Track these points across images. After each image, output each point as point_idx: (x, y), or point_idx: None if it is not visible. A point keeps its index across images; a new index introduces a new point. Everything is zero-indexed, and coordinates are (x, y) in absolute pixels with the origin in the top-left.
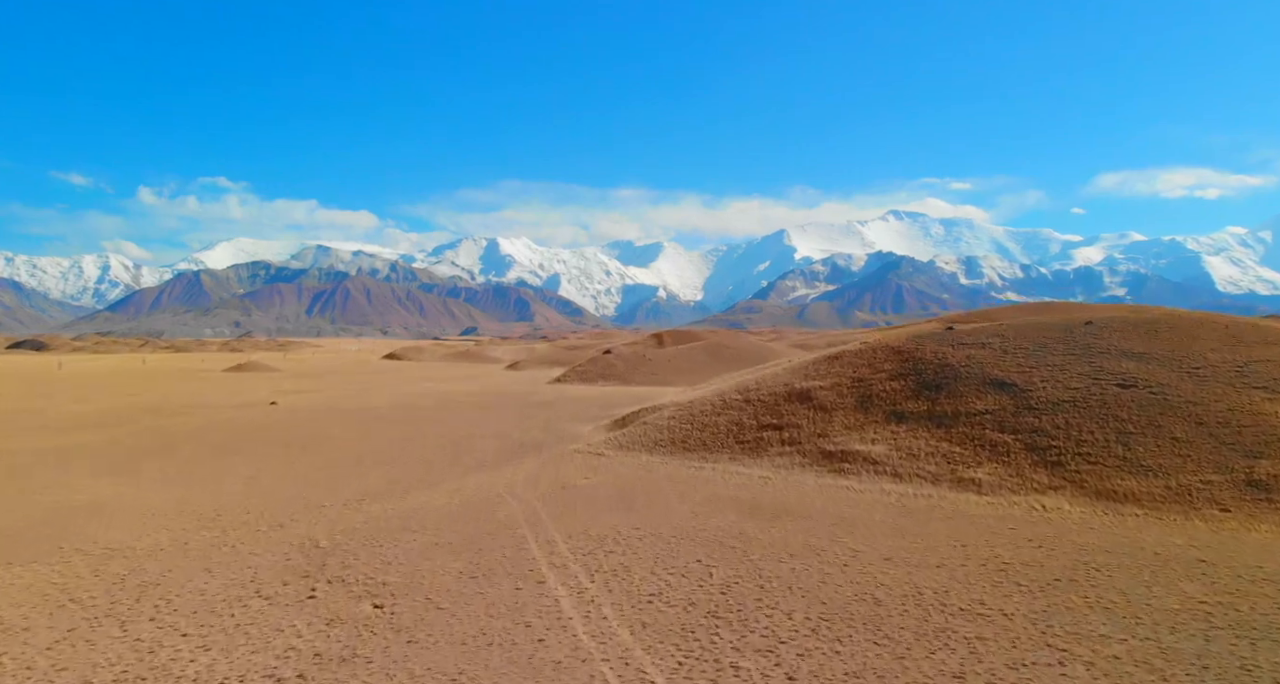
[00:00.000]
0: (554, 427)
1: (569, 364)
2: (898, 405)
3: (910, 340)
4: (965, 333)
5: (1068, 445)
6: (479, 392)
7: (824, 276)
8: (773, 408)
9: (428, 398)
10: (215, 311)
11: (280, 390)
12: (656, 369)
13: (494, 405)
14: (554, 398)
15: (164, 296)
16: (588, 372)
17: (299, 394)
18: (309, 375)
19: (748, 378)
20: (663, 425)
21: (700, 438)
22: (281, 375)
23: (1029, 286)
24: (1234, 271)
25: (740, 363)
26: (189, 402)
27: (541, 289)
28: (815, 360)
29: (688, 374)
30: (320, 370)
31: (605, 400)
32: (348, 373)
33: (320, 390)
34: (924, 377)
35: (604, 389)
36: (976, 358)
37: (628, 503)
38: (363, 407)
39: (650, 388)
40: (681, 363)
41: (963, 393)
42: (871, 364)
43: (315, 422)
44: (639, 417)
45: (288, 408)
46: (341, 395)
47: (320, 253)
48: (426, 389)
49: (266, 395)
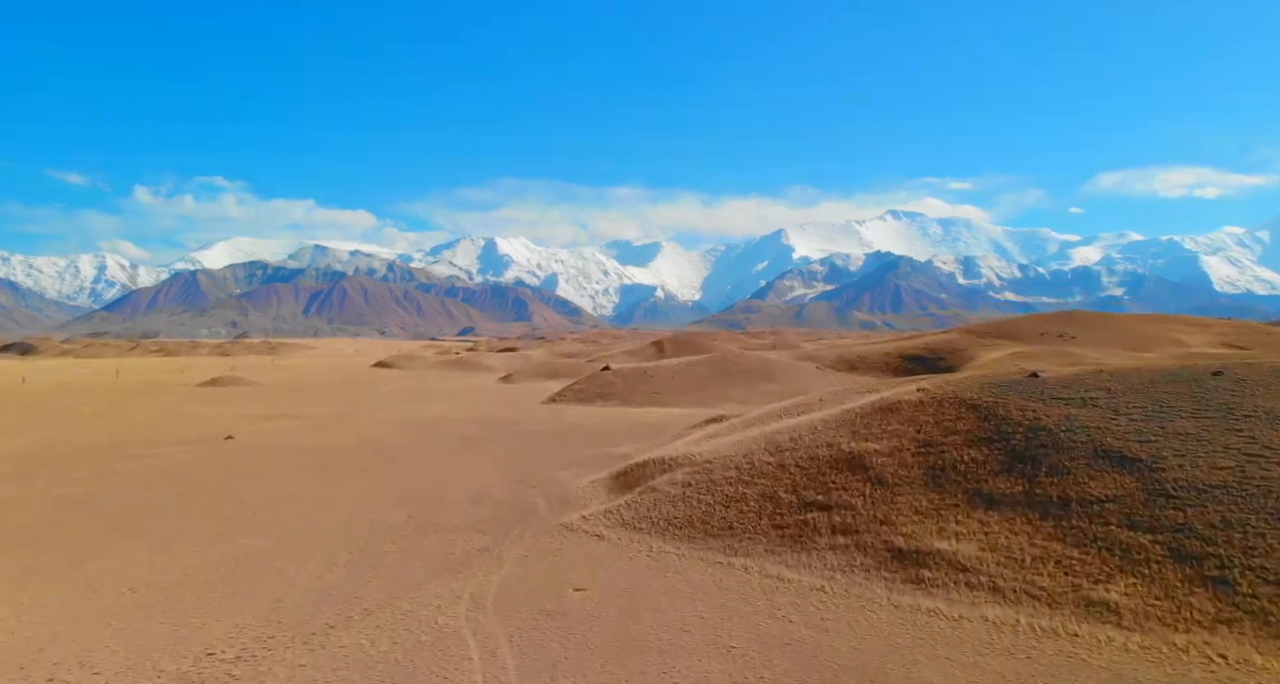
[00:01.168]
0: (544, 477)
1: (565, 376)
2: (983, 483)
3: (988, 391)
4: (1058, 384)
5: (1232, 553)
6: (464, 418)
7: (822, 276)
8: (816, 477)
9: (405, 428)
10: (212, 312)
11: (245, 416)
12: (659, 388)
13: (478, 439)
14: (548, 426)
15: (160, 297)
16: (585, 391)
17: (264, 422)
18: (287, 391)
19: (779, 430)
20: (676, 494)
21: (725, 517)
22: (256, 392)
23: (1027, 286)
24: (1231, 271)
25: (747, 379)
26: (135, 434)
27: (539, 289)
28: (864, 411)
29: (692, 393)
30: (301, 383)
31: (605, 430)
32: (329, 387)
33: (289, 415)
34: (1013, 444)
35: (603, 412)
36: (1079, 420)
37: (639, 643)
38: (325, 445)
39: (653, 409)
40: (685, 381)
41: (1069, 469)
42: (939, 422)
43: (258, 473)
44: (646, 475)
45: (240, 446)
46: (309, 425)
47: (318, 252)
48: (407, 413)
49: (226, 425)
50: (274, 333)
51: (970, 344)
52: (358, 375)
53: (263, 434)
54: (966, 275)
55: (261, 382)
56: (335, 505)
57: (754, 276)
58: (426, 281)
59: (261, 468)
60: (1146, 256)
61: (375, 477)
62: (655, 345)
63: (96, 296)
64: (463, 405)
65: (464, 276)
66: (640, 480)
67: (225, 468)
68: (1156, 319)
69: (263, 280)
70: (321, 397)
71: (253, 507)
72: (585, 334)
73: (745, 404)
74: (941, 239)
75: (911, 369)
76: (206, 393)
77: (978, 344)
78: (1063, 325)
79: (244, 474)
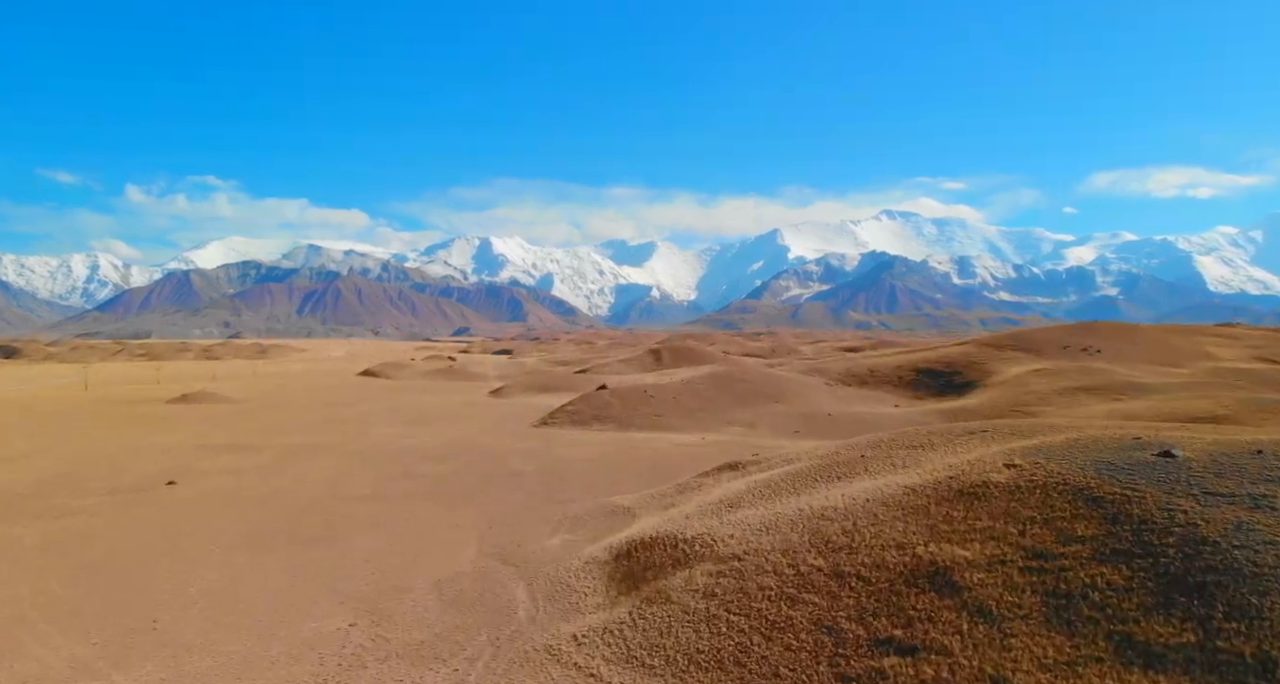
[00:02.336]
0: (529, 547)
1: (560, 390)
2: (1132, 625)
3: (1108, 475)
4: (1205, 468)
5: None
6: (445, 449)
7: (818, 276)
8: (888, 599)
9: (375, 465)
10: (205, 312)
11: (204, 447)
12: (660, 409)
13: (454, 482)
14: (537, 462)
15: (153, 297)
16: (580, 412)
17: (221, 455)
18: (260, 410)
19: (824, 513)
20: (698, 610)
21: (767, 655)
22: (226, 412)
23: (1021, 286)
24: (1225, 271)
25: (754, 398)
26: (65, 476)
27: (535, 289)
28: (938, 495)
29: (696, 415)
30: (277, 398)
31: (602, 467)
32: (305, 405)
33: (251, 447)
34: (1164, 563)
35: (599, 438)
36: (1258, 530)
37: None
38: (279, 493)
39: (654, 436)
40: (687, 401)
41: (1260, 611)
42: (1049, 519)
43: (178, 548)
44: (655, 565)
45: (176, 499)
46: (270, 460)
47: (311, 252)
48: (381, 442)
49: (177, 463)
50: (267, 333)
51: (988, 357)
52: (340, 386)
53: (211, 477)
54: (961, 275)
55: (235, 397)
56: (257, 606)
57: (749, 276)
58: (421, 281)
59: (187, 538)
60: (1141, 257)
61: (323, 552)
62: (653, 353)
63: (89, 296)
64: (446, 429)
65: (459, 276)
66: (648, 572)
67: (142, 538)
68: (1183, 330)
69: (256, 280)
70: (294, 418)
71: (149, 612)
72: (580, 335)
73: (754, 427)
74: (936, 239)
75: (926, 384)
76: (173, 412)
77: (996, 357)
78: (1085, 337)
79: (161, 549)
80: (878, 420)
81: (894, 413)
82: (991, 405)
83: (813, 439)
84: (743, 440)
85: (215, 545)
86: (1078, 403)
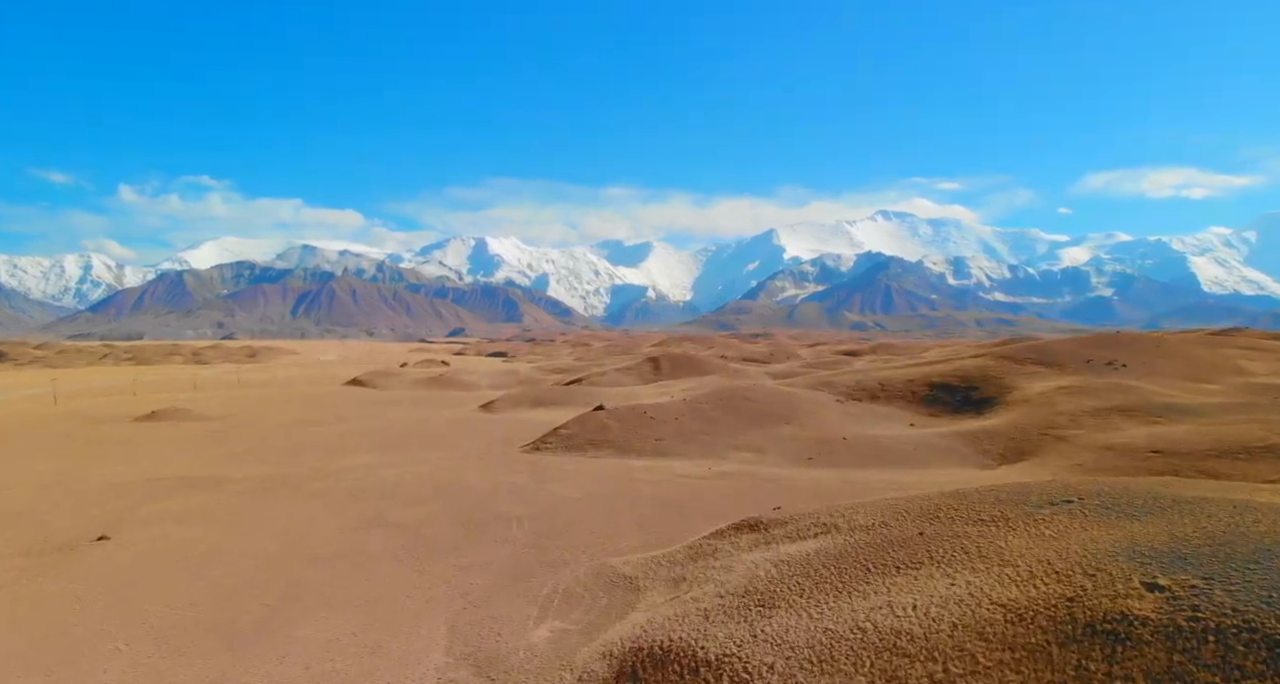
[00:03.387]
0: (506, 650)
1: (554, 405)
2: None
3: None
4: None
5: None
6: (422, 487)
7: (813, 277)
8: None
9: (341, 512)
10: (198, 313)
11: (157, 482)
12: (661, 433)
13: (430, 533)
14: (525, 504)
15: (146, 297)
16: (575, 436)
17: (173, 497)
18: (232, 430)
19: (902, 658)
20: None
21: None
22: (194, 434)
23: (1017, 287)
24: (1219, 272)
25: (761, 419)
26: None
27: (530, 289)
28: (1058, 631)
29: (700, 439)
30: (254, 414)
31: (599, 510)
32: (281, 425)
33: (210, 481)
34: None
35: (595, 469)
36: None
37: None
38: (220, 551)
39: (655, 464)
40: (690, 423)
41: None
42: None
43: (68, 657)
44: None
45: (99, 567)
46: (228, 503)
47: (306, 252)
48: (355, 477)
49: (120, 508)
50: (261, 334)
51: (1006, 371)
52: (324, 399)
53: (153, 527)
54: (957, 276)
55: (209, 413)
56: None
57: (745, 277)
58: (416, 282)
59: (89, 635)
60: (1135, 257)
61: (253, 654)
62: (651, 362)
63: (82, 297)
64: (429, 456)
65: (454, 277)
66: None
67: (33, 631)
68: (1211, 341)
69: (250, 281)
70: (268, 440)
71: None
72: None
73: (763, 454)
74: (931, 239)
75: (942, 400)
76: (138, 433)
77: (1015, 371)
78: (1109, 350)
79: (50, 656)
80: (895, 444)
81: (911, 434)
82: (1017, 427)
83: (829, 468)
84: (753, 470)
85: (122, 643)
86: (1112, 425)
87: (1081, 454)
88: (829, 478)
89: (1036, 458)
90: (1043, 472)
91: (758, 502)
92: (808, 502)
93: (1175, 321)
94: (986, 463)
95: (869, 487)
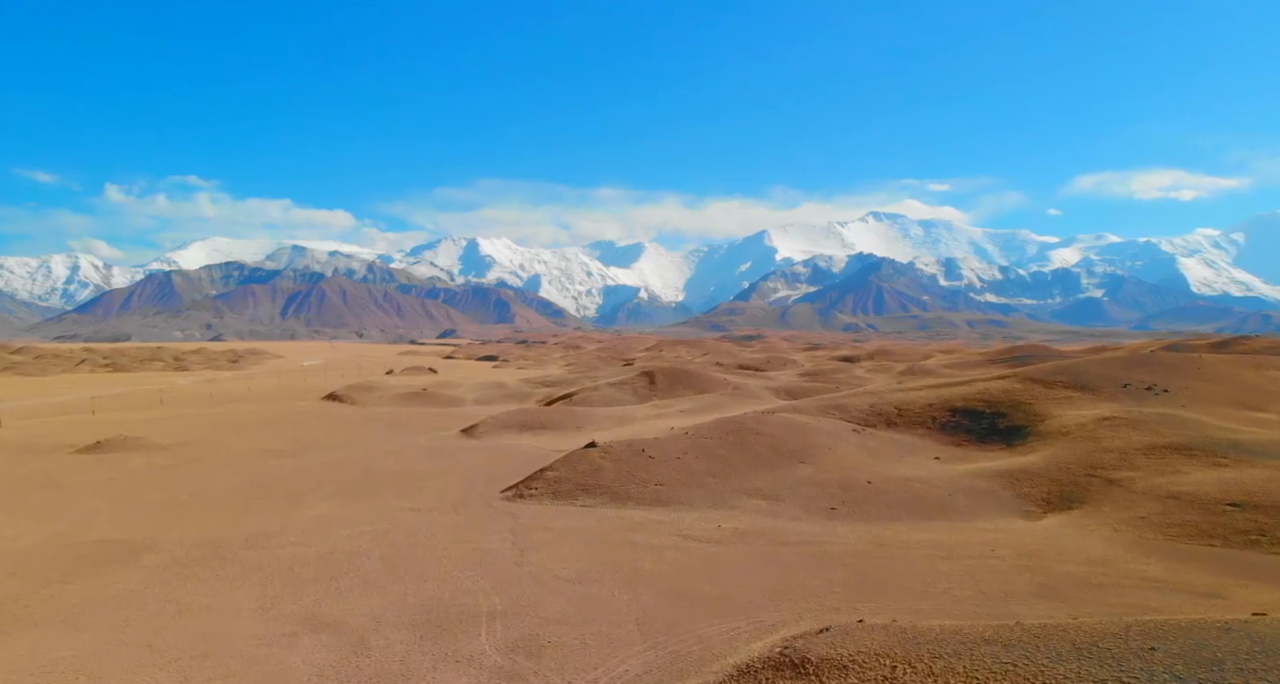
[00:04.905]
0: None
1: (543, 429)
2: None
3: None
4: None
5: None
6: (377, 560)
7: (805, 278)
8: None
9: (261, 615)
10: (186, 313)
11: (58, 558)
12: (662, 475)
13: (370, 641)
14: (500, 596)
15: (134, 298)
16: (564, 481)
17: (71, 583)
18: (181, 466)
19: None
20: None
21: None
22: (135, 472)
23: (1008, 288)
24: (1208, 273)
25: (773, 458)
26: None
27: (522, 290)
28: None
29: (705, 483)
30: (210, 445)
31: (592, 605)
32: (239, 458)
33: (128, 550)
34: None
35: (588, 529)
36: None
37: None
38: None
39: (655, 515)
40: (694, 463)
41: None
42: None
43: None
44: None
45: None
46: (132, 592)
47: (296, 253)
48: (301, 537)
49: (6, 593)
50: (250, 335)
51: (1035, 396)
52: (295, 419)
53: (29, 634)
54: (948, 277)
55: (164, 442)
56: None
57: (737, 278)
58: (407, 282)
59: None
60: (1125, 258)
61: None
62: (646, 376)
63: (69, 297)
64: (395, 506)
65: (445, 277)
66: None
67: None
68: (1258, 363)
69: (239, 281)
70: (215, 482)
71: None
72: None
73: (779, 502)
74: (922, 240)
75: (965, 427)
76: (74, 471)
77: (1045, 396)
78: (1146, 372)
79: None
80: (927, 488)
81: (940, 474)
82: (1059, 466)
83: (856, 520)
84: (769, 524)
85: None
86: (1170, 467)
87: (1141, 504)
88: (860, 538)
89: (1087, 505)
90: (1098, 525)
91: (785, 585)
92: (852, 598)
93: (1165, 322)
94: (1030, 509)
95: (908, 550)
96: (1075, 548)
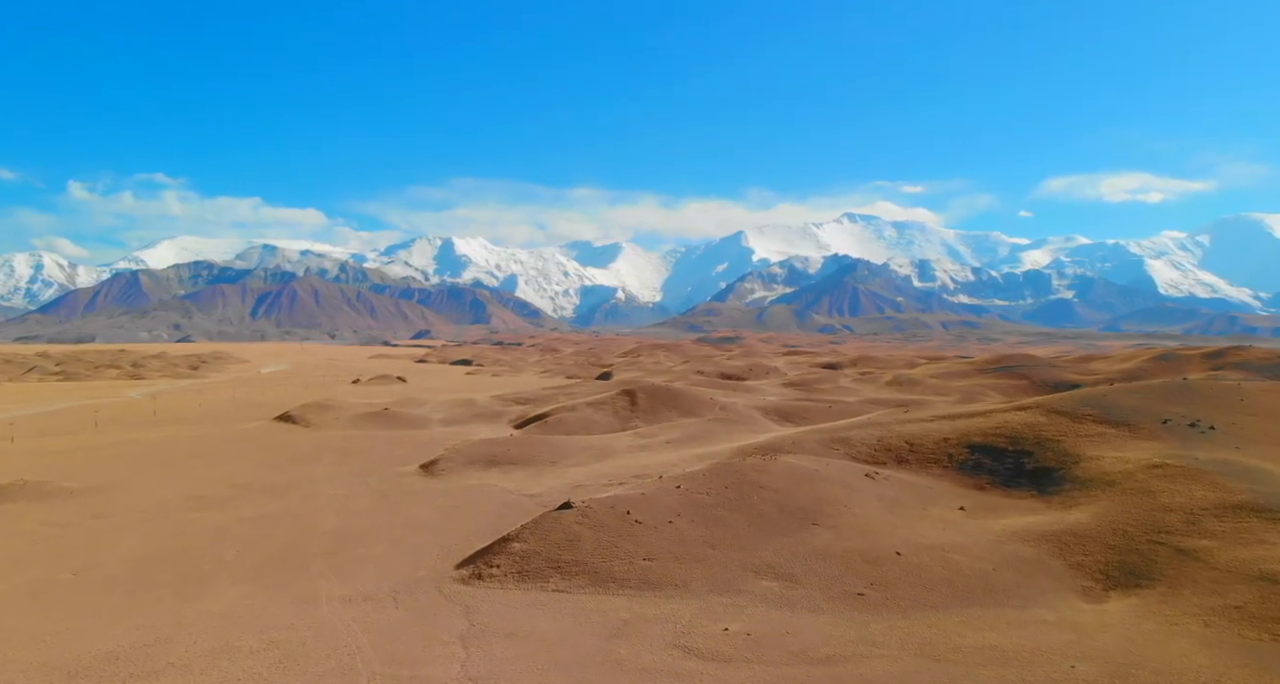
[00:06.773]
0: None
1: (512, 465)
2: None
3: None
4: None
5: None
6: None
7: (781, 279)
8: None
9: None
10: (154, 314)
11: None
12: (651, 547)
13: None
14: None
15: (100, 298)
16: (534, 556)
17: None
18: (80, 523)
19: None
20: None
21: None
22: (16, 534)
23: (980, 289)
24: (1175, 275)
25: (784, 519)
26: None
27: (498, 290)
28: None
29: (703, 556)
30: (126, 490)
31: None
32: (154, 510)
33: None
34: None
35: (560, 630)
36: None
37: None
38: None
39: (646, 601)
40: (690, 528)
41: None
42: None
43: None
44: None
45: None
46: None
47: (266, 252)
48: (167, 648)
49: None
50: (218, 337)
51: (1064, 431)
52: (235, 450)
53: None
54: (922, 278)
55: (72, 486)
56: None
57: (714, 278)
58: (380, 282)
59: None
60: (1094, 260)
61: None
62: (627, 396)
63: (32, 297)
64: (320, 594)
65: (420, 277)
66: None
67: None
68: None
69: (208, 281)
70: (108, 553)
71: None
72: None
73: (794, 584)
74: (896, 242)
75: (986, 467)
76: None
77: (1074, 432)
78: (1184, 404)
79: None
80: (968, 561)
81: (977, 538)
82: (1115, 530)
83: (893, 612)
84: (786, 622)
85: None
86: (1254, 535)
87: (1231, 587)
88: (904, 645)
89: (1160, 585)
90: (1182, 616)
91: None
92: None
93: (1134, 323)
94: (1088, 585)
95: (968, 665)
96: (1168, 656)
